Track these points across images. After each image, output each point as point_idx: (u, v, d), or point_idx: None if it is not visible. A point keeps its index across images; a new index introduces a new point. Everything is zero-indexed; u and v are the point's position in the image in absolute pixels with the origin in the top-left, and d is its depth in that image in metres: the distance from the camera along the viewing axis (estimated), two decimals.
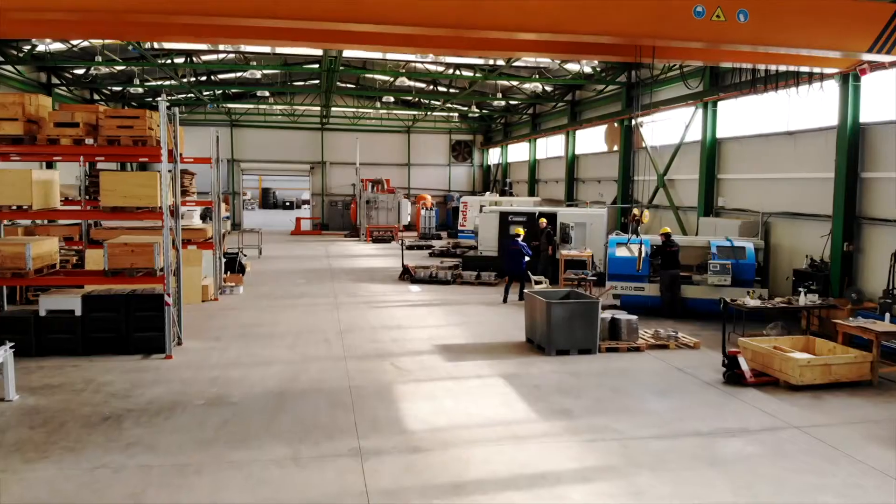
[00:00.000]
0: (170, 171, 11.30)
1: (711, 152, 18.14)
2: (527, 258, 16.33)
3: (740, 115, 17.60)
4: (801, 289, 12.67)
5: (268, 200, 71.99)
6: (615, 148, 23.87)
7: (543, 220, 18.28)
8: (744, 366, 10.05)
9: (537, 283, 15.99)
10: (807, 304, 12.31)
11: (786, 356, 9.92)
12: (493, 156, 40.47)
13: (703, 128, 18.29)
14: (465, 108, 34.42)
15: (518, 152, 35.93)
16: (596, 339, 11.34)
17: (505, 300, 16.03)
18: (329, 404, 8.67)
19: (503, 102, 28.27)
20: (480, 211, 29.39)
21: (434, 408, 8.57)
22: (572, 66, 23.49)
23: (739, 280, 14.32)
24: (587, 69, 23.20)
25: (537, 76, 23.11)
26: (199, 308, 14.97)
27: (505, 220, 19.77)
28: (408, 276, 19.43)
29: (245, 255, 19.78)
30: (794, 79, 13.85)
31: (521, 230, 17.23)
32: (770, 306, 12.51)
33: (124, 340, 11.17)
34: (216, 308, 15.06)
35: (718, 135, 18.15)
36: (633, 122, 22.29)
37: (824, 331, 12.82)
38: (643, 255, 13.74)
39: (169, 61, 21.74)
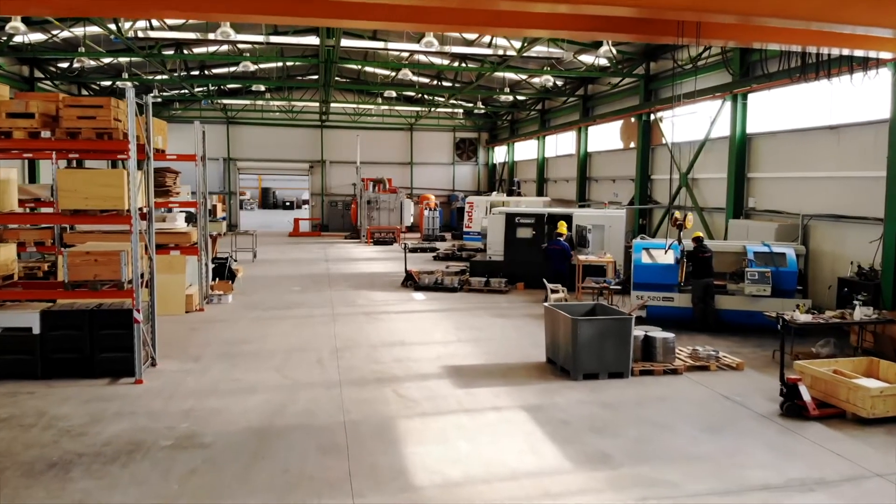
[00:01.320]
0: (142, 168, 9.92)
1: (741, 149, 16.70)
2: (581, 258, 15.09)
3: (773, 108, 16.16)
4: (856, 301, 11.22)
5: (267, 200, 70.68)
6: (632, 145, 22.42)
7: (563, 225, 16.65)
8: (805, 396, 8.61)
9: (553, 291, 14.55)
10: (862, 318, 10.87)
11: (854, 385, 8.49)
12: (499, 154, 39.02)
13: (731, 122, 16.84)
14: (471, 105, 32.97)
15: (525, 150, 34.49)
16: (629, 361, 9.91)
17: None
18: (319, 447, 7.24)
19: (510, 98, 26.86)
20: (488, 212, 28.06)
21: (446, 453, 7.13)
22: (586, 58, 22.04)
23: (780, 290, 12.89)
24: (602, 61, 21.74)
25: (548, 68, 21.65)
26: (182, 320, 13.56)
27: (512, 221, 18.33)
28: (411, 282, 18.01)
29: (235, 260, 18.36)
30: (844, 66, 12.37)
31: (564, 228, 15.82)
32: (822, 321, 11.06)
33: (89, 362, 9.76)
34: (200, 320, 13.65)
35: (749, 130, 16.71)
36: (653, 116, 20.87)
37: (879, 348, 11.41)
38: (684, 264, 12.35)
39: (156, 51, 20.29)
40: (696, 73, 18.72)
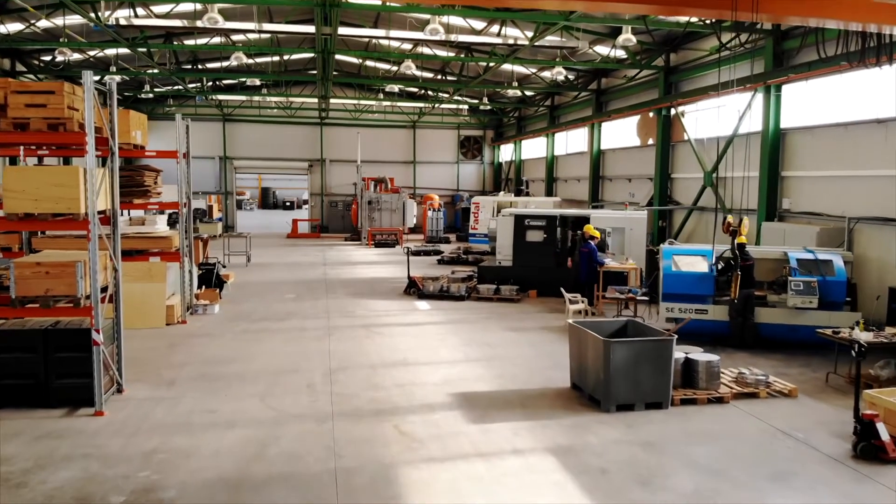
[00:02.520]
0: (107, 165, 8.58)
1: (775, 145, 15.32)
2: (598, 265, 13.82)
3: (811, 101, 14.78)
4: None
5: (267, 200, 69.42)
6: (650, 142, 21.04)
7: (591, 227, 15.06)
8: (884, 435, 7.23)
9: (572, 301, 13.18)
10: None
11: None
12: (506, 152, 37.63)
13: (763, 116, 15.45)
14: (476, 101, 31.59)
15: (533, 148, 33.09)
16: (669, 389, 8.53)
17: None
18: None
19: (518, 93, 25.46)
20: (494, 213, 26.71)
21: None
22: (601, 49, 20.65)
23: (827, 302, 11.51)
24: (619, 52, 20.35)
25: (559, 59, 20.25)
26: (161, 334, 12.22)
27: (522, 224, 16.93)
28: (415, 289, 16.65)
29: (224, 266, 17.00)
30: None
31: (595, 231, 14.43)
32: (885, 340, 9.69)
33: (44, 389, 8.42)
34: (181, 334, 12.30)
35: (783, 124, 15.32)
36: (673, 111, 19.49)
37: None
38: (738, 277, 11.01)
39: (142, 41, 18.95)
40: (722, 64, 17.35)
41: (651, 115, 20.73)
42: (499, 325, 13.26)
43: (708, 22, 15.87)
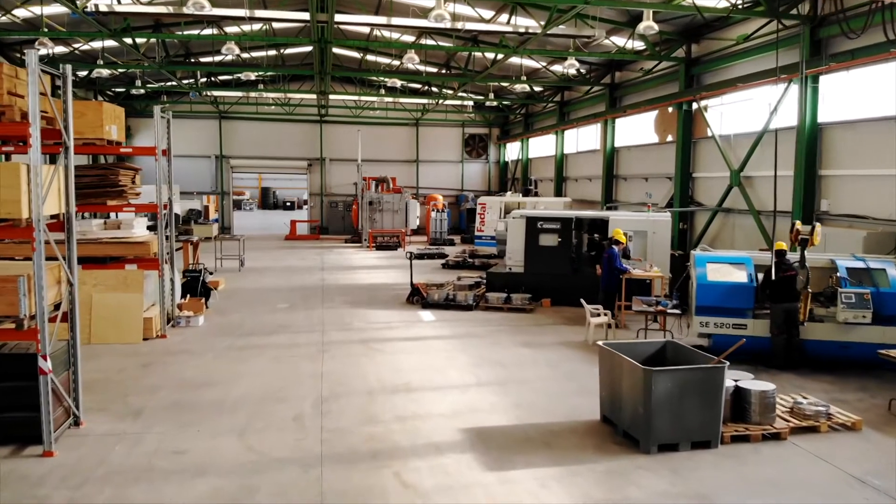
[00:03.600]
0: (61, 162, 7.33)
1: (811, 141, 14.00)
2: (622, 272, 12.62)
3: (852, 93, 13.47)
4: None
5: (268, 200, 68.21)
6: (669, 138, 19.74)
7: (619, 232, 13.68)
8: None
9: (594, 314, 11.90)
10: None
11: None
12: (512, 151, 36.32)
13: (799, 110, 14.11)
14: (482, 97, 30.28)
15: (541, 146, 31.79)
16: (719, 425, 7.25)
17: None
18: None
19: (526, 87, 24.13)
20: (501, 214, 25.43)
21: None
22: (618, 40, 19.36)
23: (882, 316, 10.22)
24: (637, 44, 19.06)
25: (573, 49, 18.94)
26: (135, 351, 10.97)
27: (534, 227, 15.61)
28: (418, 298, 15.39)
29: (211, 273, 15.74)
30: None
31: (622, 235, 13.19)
32: None
33: None
34: (159, 351, 11.04)
35: (820, 118, 14.00)
36: (695, 105, 18.18)
37: None
38: (808, 297, 9.76)
39: (127, 28, 17.69)
40: (752, 54, 16.08)
41: (670, 109, 19.43)
42: (511, 339, 11.97)
43: (740, 5, 14.57)
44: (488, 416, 8.08)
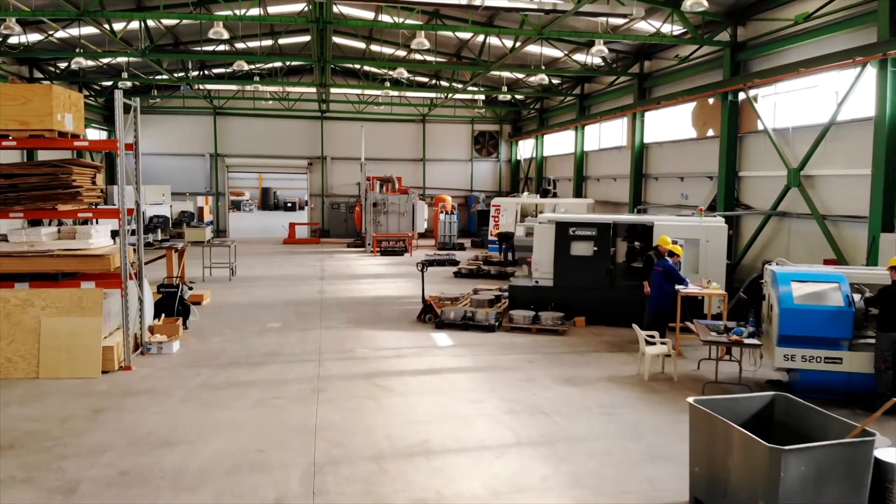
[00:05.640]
0: None
1: (892, 134, 11.88)
2: (680, 289, 10.57)
3: None
4: None
5: (268, 201, 66.38)
6: (710, 133, 17.63)
7: (667, 240, 11.51)
8: None
9: (650, 342, 9.80)
10: None
11: None
12: (525, 149, 34.21)
13: (878, 98, 11.98)
14: (494, 91, 28.15)
15: (558, 144, 29.69)
16: None
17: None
18: None
19: (545, 78, 22.01)
20: (517, 217, 23.43)
21: None
22: (648, 25, 17.25)
23: None
24: (673, 28, 16.96)
25: (606, 31, 16.80)
26: (89, 390, 8.92)
27: (565, 233, 13.51)
28: (431, 315, 13.32)
29: (191, 288, 13.67)
30: None
31: (674, 245, 11.11)
32: None
33: None
34: (117, 391, 8.97)
35: None
36: (742, 95, 16.07)
37: None
38: None
39: (96, 7, 15.62)
40: (809, 37, 14.00)
41: (711, 100, 17.32)
42: (548, 373, 9.87)
43: None
44: (539, 498, 5.99)
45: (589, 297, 13.21)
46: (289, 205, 63.13)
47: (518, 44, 18.74)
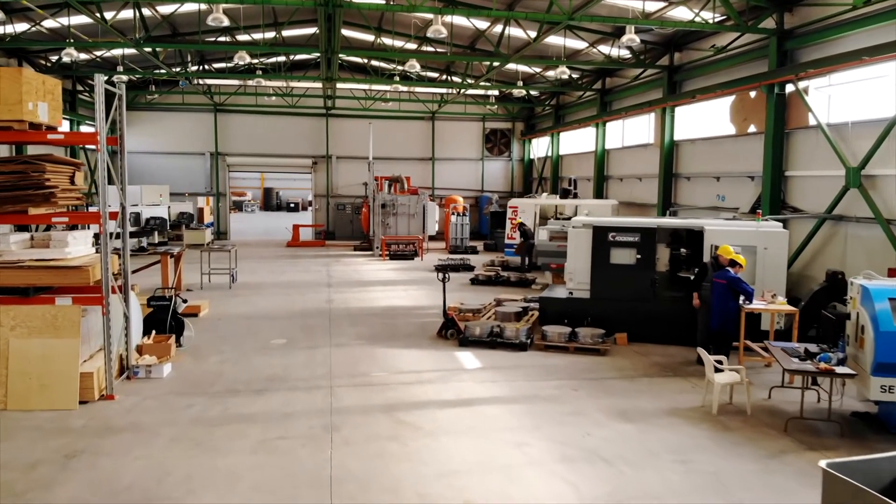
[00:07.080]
0: None
1: None
2: (746, 302, 9.23)
3: None
4: None
5: (270, 202, 65.10)
6: (751, 129, 16.23)
7: (729, 249, 10.17)
8: None
9: (718, 369, 8.42)
10: None
11: None
12: (539, 147, 32.81)
13: None
14: (509, 84, 26.76)
15: (575, 142, 28.28)
16: None
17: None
18: None
19: (566, 71, 20.61)
20: (536, 219, 22.06)
21: None
22: (682, 12, 15.85)
23: None
24: (716, 15, 15.55)
25: (640, 17, 15.37)
26: (63, 427, 7.57)
27: (603, 239, 12.13)
28: (453, 330, 11.96)
29: (185, 301, 12.31)
30: None
31: (737, 255, 9.75)
32: None
33: None
34: (96, 426, 7.62)
35: None
36: (791, 87, 14.67)
37: None
38: None
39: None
40: (862, 24, 12.60)
41: (753, 94, 15.92)
42: (597, 404, 8.49)
43: None
44: None
45: (630, 310, 11.83)
46: (292, 205, 61.80)
47: (542, 33, 17.33)
